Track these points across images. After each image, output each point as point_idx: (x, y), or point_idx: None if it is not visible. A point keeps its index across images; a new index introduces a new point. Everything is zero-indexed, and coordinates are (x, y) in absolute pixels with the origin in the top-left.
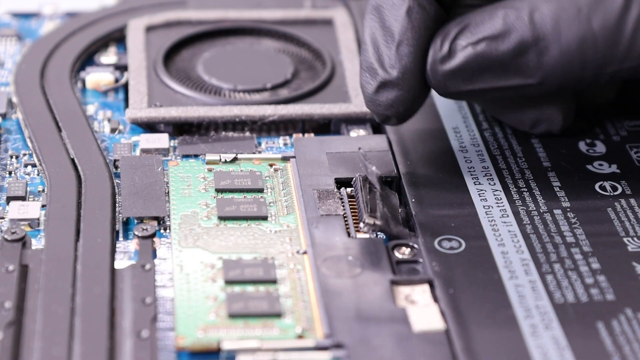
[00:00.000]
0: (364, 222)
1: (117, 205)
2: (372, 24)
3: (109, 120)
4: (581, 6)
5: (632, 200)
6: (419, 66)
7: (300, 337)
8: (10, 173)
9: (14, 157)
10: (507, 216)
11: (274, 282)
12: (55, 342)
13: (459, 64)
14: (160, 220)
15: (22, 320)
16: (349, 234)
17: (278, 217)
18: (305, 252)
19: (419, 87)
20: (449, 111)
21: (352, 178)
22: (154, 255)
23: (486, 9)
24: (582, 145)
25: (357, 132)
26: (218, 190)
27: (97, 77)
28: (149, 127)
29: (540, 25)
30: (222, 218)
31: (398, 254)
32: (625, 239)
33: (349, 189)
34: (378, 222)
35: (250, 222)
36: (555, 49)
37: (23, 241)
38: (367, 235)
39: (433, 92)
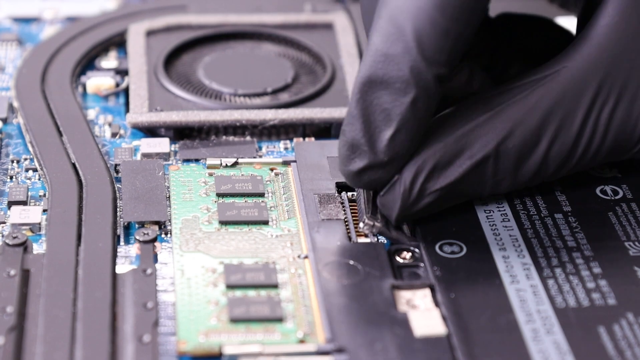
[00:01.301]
0: (363, 222)
1: (118, 209)
2: (368, 99)
3: (109, 124)
4: (541, 139)
5: (633, 205)
6: (410, 152)
7: (301, 341)
8: (11, 178)
9: (15, 161)
10: (508, 220)
11: (275, 286)
12: (57, 347)
13: (427, 204)
14: (162, 225)
15: (24, 325)
16: (350, 239)
17: (279, 222)
18: (306, 257)
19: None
20: None
21: None
22: (155, 260)
23: (456, 135)
24: None
25: None
26: (219, 195)
27: (98, 82)
28: (150, 131)
29: (503, 162)
30: (223, 222)
31: (399, 259)
32: (626, 243)
33: (350, 193)
34: (378, 224)
35: (251, 226)
36: (508, 181)
37: (24, 246)
38: (368, 240)
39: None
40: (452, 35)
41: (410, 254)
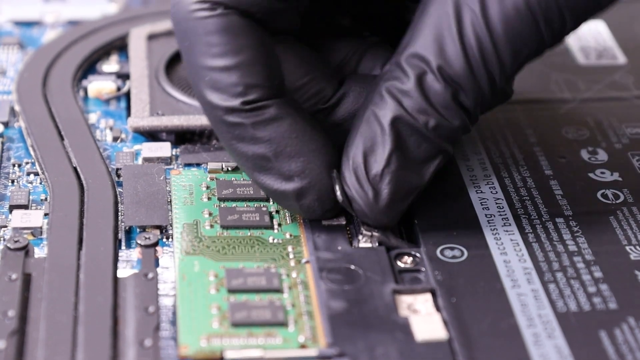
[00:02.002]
0: (362, 234)
1: (119, 214)
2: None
3: (111, 128)
4: None
5: (634, 209)
6: None
7: (303, 346)
8: (12, 182)
9: (16, 165)
10: (509, 225)
11: (276, 291)
12: (58, 351)
13: (391, 192)
14: (163, 229)
15: (25, 329)
16: (351, 244)
17: (281, 226)
18: (307, 261)
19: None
20: None
21: None
22: (157, 264)
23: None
24: (584, 153)
25: None
26: (220, 199)
27: (99, 86)
28: (151, 135)
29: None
30: (225, 227)
31: (400, 263)
32: (627, 247)
33: None
34: (376, 233)
35: (252, 230)
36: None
37: (26, 250)
38: (369, 245)
39: None
40: None
41: (411, 258)
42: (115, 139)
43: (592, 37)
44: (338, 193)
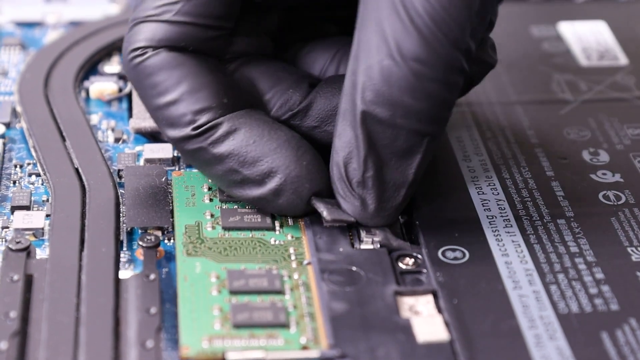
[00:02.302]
0: (362, 241)
1: (121, 215)
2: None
3: (112, 129)
4: None
5: (636, 210)
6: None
7: (305, 347)
8: (14, 182)
9: (18, 166)
10: (511, 226)
11: (278, 292)
12: (60, 352)
13: (376, 190)
14: (165, 230)
15: (27, 330)
16: (352, 245)
17: (282, 228)
18: (309, 263)
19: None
20: (452, 120)
21: None
22: (159, 265)
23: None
24: (586, 154)
25: None
26: (222, 201)
27: (101, 87)
28: (153, 137)
29: None
30: (226, 228)
31: (402, 265)
32: (629, 249)
33: None
34: (376, 238)
35: (254, 232)
36: None
37: (28, 251)
38: (371, 246)
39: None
40: None
41: (412, 260)
42: (116, 140)
43: (593, 38)
44: (323, 216)
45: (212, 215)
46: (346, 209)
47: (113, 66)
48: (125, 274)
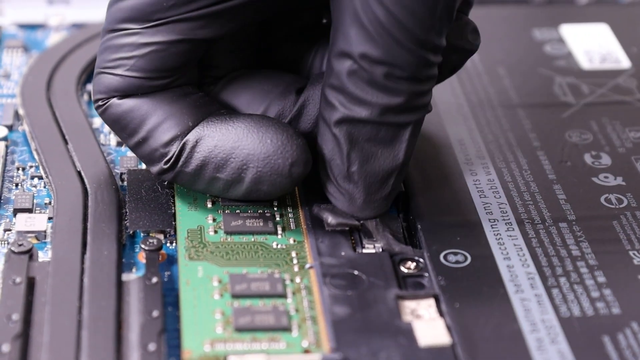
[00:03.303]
0: (364, 247)
1: (123, 218)
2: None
3: None
4: None
5: (638, 213)
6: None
7: (306, 351)
8: (16, 185)
9: (20, 169)
10: (513, 229)
11: (280, 296)
12: (62, 355)
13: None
14: (167, 234)
15: (29, 333)
16: (354, 249)
17: (284, 232)
18: (311, 267)
19: None
20: (455, 123)
21: None
22: (161, 269)
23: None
24: (588, 158)
25: None
26: (224, 205)
27: None
28: None
29: None
30: (229, 232)
31: (404, 269)
32: (631, 252)
33: None
34: (378, 244)
35: (256, 236)
36: None
37: (30, 253)
38: (372, 250)
39: (440, 104)
40: None
41: (414, 263)
42: (119, 143)
43: (595, 40)
44: (327, 221)
45: (214, 220)
46: (336, 204)
47: None
48: (127, 277)
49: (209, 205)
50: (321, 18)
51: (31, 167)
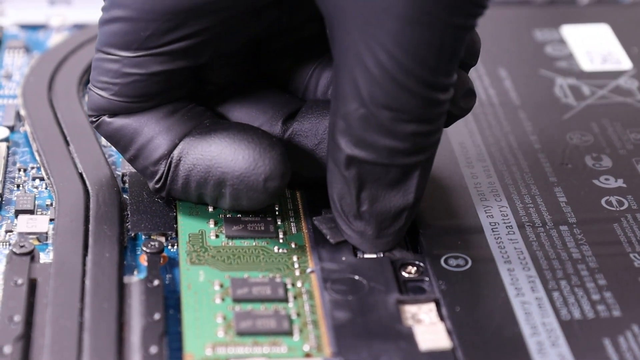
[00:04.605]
0: (365, 253)
1: (125, 220)
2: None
3: None
4: None
5: (639, 216)
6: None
7: (308, 355)
8: (18, 186)
9: (22, 170)
10: (513, 233)
11: (281, 300)
12: (64, 357)
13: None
14: (168, 236)
15: (31, 335)
16: (355, 254)
17: (286, 236)
18: (312, 271)
19: None
20: (455, 126)
21: None
22: (162, 271)
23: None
24: (588, 160)
25: None
26: (226, 210)
27: None
28: None
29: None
30: (230, 237)
31: (404, 273)
32: (631, 255)
33: None
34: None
35: (257, 240)
36: None
37: (32, 255)
38: (373, 255)
39: None
40: None
41: (415, 268)
42: None
43: (596, 41)
44: (327, 238)
45: (215, 224)
46: (348, 240)
47: None
48: (129, 279)
49: (211, 209)
50: (320, 28)
51: (33, 168)
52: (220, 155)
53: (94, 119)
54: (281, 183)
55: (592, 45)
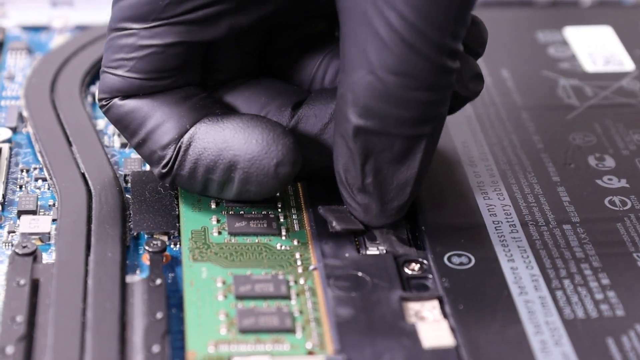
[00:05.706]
0: (367, 249)
1: (127, 220)
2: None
3: (119, 134)
4: None
5: None
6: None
7: (310, 352)
8: (20, 187)
9: (24, 171)
10: (517, 231)
11: (284, 297)
12: (66, 357)
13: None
14: (171, 236)
15: (33, 335)
16: (358, 250)
17: (288, 233)
18: (315, 268)
19: None
20: (458, 125)
21: None
22: (165, 270)
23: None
24: (591, 160)
25: None
26: (228, 206)
27: None
28: None
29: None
30: (233, 234)
31: (408, 270)
32: (635, 255)
33: None
34: (381, 246)
35: (260, 237)
36: None
37: (34, 255)
38: (376, 252)
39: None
40: None
41: (418, 265)
42: (123, 145)
43: (599, 43)
44: (332, 225)
45: (218, 221)
46: (352, 213)
47: None
48: (131, 278)
49: (213, 206)
50: (328, 26)
51: (35, 169)
52: (233, 138)
53: (105, 102)
54: (292, 170)
55: (595, 47)
